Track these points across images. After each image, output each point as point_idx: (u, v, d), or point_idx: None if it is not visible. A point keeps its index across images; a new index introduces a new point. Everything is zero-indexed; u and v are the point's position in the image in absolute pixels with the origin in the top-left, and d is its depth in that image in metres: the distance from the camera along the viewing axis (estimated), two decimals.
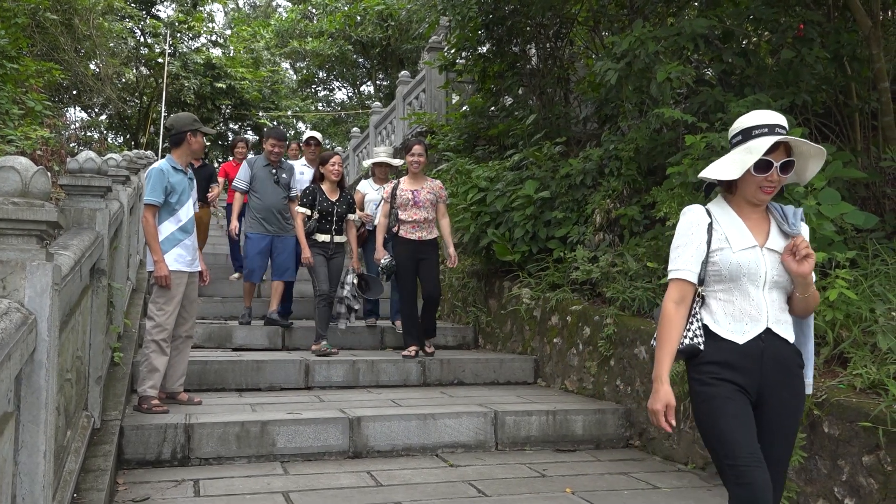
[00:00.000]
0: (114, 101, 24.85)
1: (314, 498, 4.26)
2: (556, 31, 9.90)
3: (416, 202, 7.11)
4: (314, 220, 7.34)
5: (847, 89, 6.91)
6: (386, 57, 31.37)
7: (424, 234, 7.18)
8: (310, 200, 7.39)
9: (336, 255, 7.44)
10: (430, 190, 7.21)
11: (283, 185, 8.08)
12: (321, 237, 7.36)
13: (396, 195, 7.18)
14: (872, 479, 3.85)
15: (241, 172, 8.23)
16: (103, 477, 3.90)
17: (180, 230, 5.56)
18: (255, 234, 7.97)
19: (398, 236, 7.18)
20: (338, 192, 7.50)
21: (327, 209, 7.37)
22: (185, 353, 5.75)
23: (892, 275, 4.91)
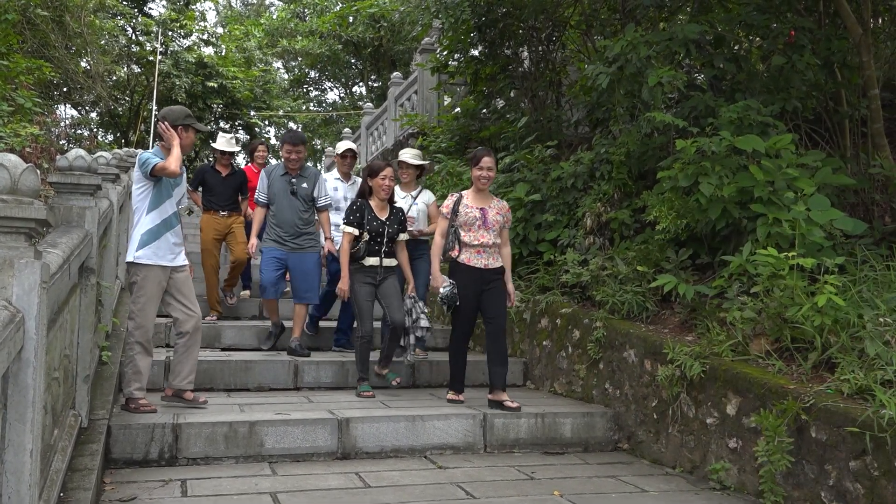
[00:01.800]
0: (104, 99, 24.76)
1: (302, 499, 4.25)
2: (548, 35, 9.93)
3: (485, 223, 5.96)
4: (363, 241, 6.25)
5: (837, 96, 6.96)
6: (378, 58, 31.37)
7: (491, 262, 5.97)
8: (358, 219, 6.26)
9: (386, 279, 6.35)
10: (498, 210, 6.08)
11: (302, 197, 7.03)
12: (369, 260, 6.27)
13: (459, 212, 6.00)
14: (859, 484, 3.87)
15: (261, 183, 7.22)
16: (90, 476, 3.88)
17: (163, 224, 5.36)
18: (268, 248, 7.04)
19: (458, 262, 5.98)
20: (387, 208, 6.41)
21: (377, 229, 6.26)
22: (193, 350, 5.48)
23: (880, 281, 4.94)
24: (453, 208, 6.04)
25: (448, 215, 6.06)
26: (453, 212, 6.04)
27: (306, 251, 7.03)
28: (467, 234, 5.96)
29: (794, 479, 4.25)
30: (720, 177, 5.55)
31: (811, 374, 4.47)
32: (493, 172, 6.04)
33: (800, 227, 5.09)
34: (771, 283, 4.86)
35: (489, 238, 5.97)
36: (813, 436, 4.14)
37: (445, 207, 6.09)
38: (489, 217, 5.99)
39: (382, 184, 6.26)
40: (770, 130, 5.91)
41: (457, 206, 6.04)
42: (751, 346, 4.92)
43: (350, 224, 6.28)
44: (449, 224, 6.05)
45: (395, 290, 6.34)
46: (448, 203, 6.11)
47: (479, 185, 6.02)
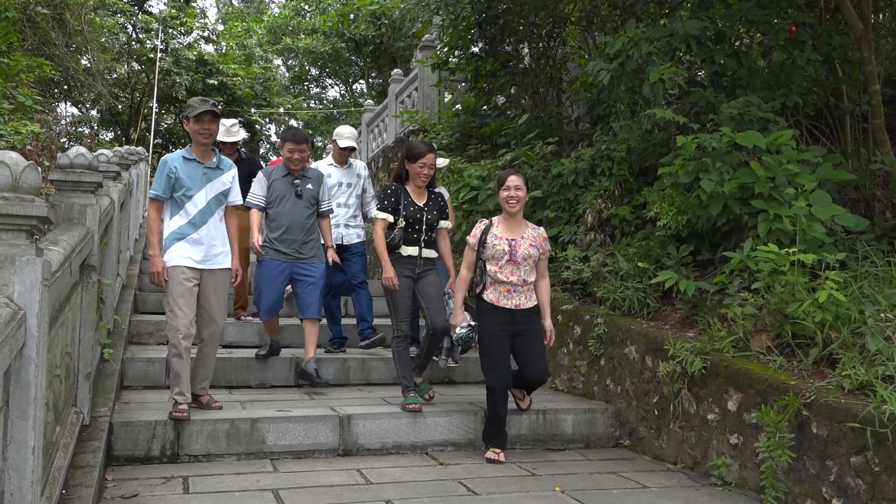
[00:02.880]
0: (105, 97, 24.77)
1: (304, 496, 4.25)
2: (548, 31, 9.92)
3: (514, 258, 5.19)
4: (399, 228, 5.59)
5: (838, 92, 6.95)
6: (379, 55, 31.35)
7: (523, 301, 5.24)
8: (393, 203, 5.62)
9: (425, 273, 5.69)
10: (532, 242, 5.27)
11: (307, 199, 6.36)
12: (407, 250, 5.60)
13: (486, 243, 5.25)
14: (860, 479, 3.87)
15: (256, 186, 6.43)
16: (92, 473, 3.89)
17: (189, 224, 5.14)
18: (269, 259, 6.27)
19: (484, 300, 5.26)
20: (425, 194, 5.77)
21: (414, 215, 5.62)
22: (209, 356, 5.34)
23: (881, 276, 4.94)
24: (480, 238, 5.28)
25: (475, 246, 5.30)
26: (480, 242, 5.28)
27: (312, 261, 6.33)
28: (494, 270, 5.21)
29: (795, 474, 4.25)
30: (721, 173, 5.55)
31: (812, 370, 4.47)
32: (523, 192, 5.27)
33: (801, 223, 5.09)
34: (772, 279, 4.87)
35: (519, 276, 5.19)
36: (814, 431, 4.14)
37: (472, 237, 5.35)
38: (519, 251, 5.18)
39: (421, 171, 5.61)
40: (771, 126, 5.91)
41: (484, 235, 5.27)
42: (752, 342, 4.92)
43: (384, 209, 5.61)
44: (476, 256, 5.31)
45: (436, 289, 5.68)
46: (475, 232, 5.36)
47: (509, 208, 5.24)
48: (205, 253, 5.18)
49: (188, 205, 5.16)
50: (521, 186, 5.26)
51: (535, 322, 5.28)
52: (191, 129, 5.23)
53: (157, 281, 5.07)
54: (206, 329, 5.25)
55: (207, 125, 5.19)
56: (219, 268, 5.25)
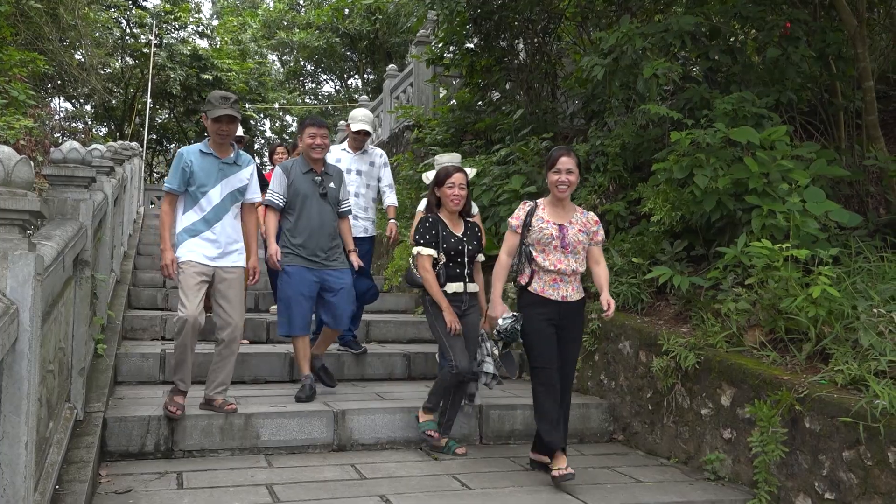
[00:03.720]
0: (99, 92, 24.69)
1: (298, 491, 4.25)
2: (543, 27, 9.92)
3: (565, 243, 4.67)
4: (441, 264, 5.13)
5: (832, 88, 6.97)
6: (374, 50, 31.33)
7: (571, 293, 4.70)
8: (433, 237, 5.12)
9: (470, 310, 5.22)
10: (583, 227, 4.76)
11: (332, 199, 5.79)
12: (451, 287, 5.12)
13: (532, 226, 4.71)
14: (852, 473, 3.89)
15: (275, 182, 5.80)
16: (86, 469, 3.89)
17: (203, 221, 4.97)
18: (294, 266, 5.64)
19: (528, 291, 4.71)
20: (461, 223, 5.26)
21: (455, 247, 5.12)
22: (229, 360, 5.07)
23: (874, 272, 4.96)
24: (525, 220, 4.74)
25: (518, 228, 4.75)
26: (524, 225, 4.74)
27: (337, 266, 5.77)
28: (541, 257, 4.67)
29: (787, 469, 4.27)
30: (715, 169, 5.56)
31: (805, 365, 4.49)
32: (575, 177, 4.70)
33: (794, 218, 5.11)
34: (765, 275, 4.88)
35: (569, 264, 4.67)
36: (807, 426, 4.15)
37: (515, 218, 4.79)
38: (569, 236, 4.66)
39: (451, 193, 5.12)
40: (765, 122, 5.92)
41: (529, 217, 4.73)
42: (745, 338, 4.94)
43: (428, 244, 5.10)
44: (520, 241, 4.77)
45: (474, 332, 5.21)
46: (518, 213, 4.81)
47: (558, 193, 4.68)
48: (220, 251, 5.02)
49: (202, 200, 4.99)
50: (574, 170, 4.67)
51: (579, 321, 4.83)
52: (208, 127, 5.04)
53: (167, 273, 4.96)
54: (223, 330, 5.01)
55: (225, 126, 4.98)
56: (233, 265, 5.06)
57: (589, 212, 4.91)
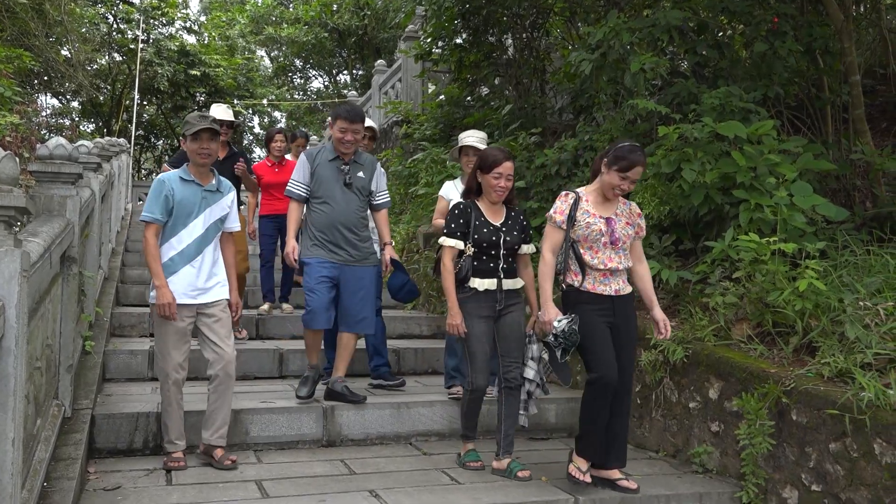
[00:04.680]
0: (86, 88, 24.57)
1: (287, 486, 4.25)
2: (532, 22, 9.91)
3: (614, 238, 4.30)
4: (467, 257, 4.55)
5: (819, 82, 6.99)
6: (362, 46, 31.27)
7: (622, 286, 4.37)
8: (462, 226, 4.59)
9: (508, 309, 4.62)
10: (629, 219, 4.42)
11: (359, 190, 5.38)
12: (482, 283, 4.54)
13: (578, 220, 4.31)
14: (839, 465, 3.91)
15: (298, 171, 5.41)
16: (74, 465, 3.88)
17: (182, 255, 4.51)
18: (315, 259, 5.27)
19: (580, 291, 4.30)
20: (503, 211, 4.71)
21: (489, 238, 4.56)
22: (226, 396, 4.60)
23: (860, 265, 4.99)
24: (568, 214, 4.30)
25: (562, 224, 4.31)
26: (569, 219, 4.30)
27: (363, 263, 5.37)
28: (589, 254, 4.28)
29: (774, 461, 4.29)
30: (703, 163, 5.57)
31: (792, 358, 4.51)
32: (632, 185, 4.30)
33: (782, 212, 5.13)
34: (753, 269, 4.90)
35: (620, 261, 4.32)
36: (794, 419, 4.18)
37: (559, 213, 4.34)
38: (618, 230, 4.30)
39: (496, 184, 4.53)
40: (752, 117, 5.94)
41: (573, 211, 4.30)
42: (733, 331, 4.96)
43: (453, 235, 4.57)
44: (565, 235, 4.32)
45: (518, 333, 4.62)
46: (561, 206, 4.36)
47: (611, 195, 4.33)
48: (203, 285, 4.57)
49: (183, 232, 4.54)
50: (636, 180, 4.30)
51: (632, 316, 4.41)
52: (188, 149, 4.62)
53: (166, 314, 4.39)
54: (216, 365, 4.56)
55: (206, 144, 4.55)
56: (218, 299, 4.63)
57: (631, 202, 4.54)
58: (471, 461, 4.70)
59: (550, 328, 4.22)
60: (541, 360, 4.56)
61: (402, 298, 5.80)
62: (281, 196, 7.70)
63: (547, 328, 4.26)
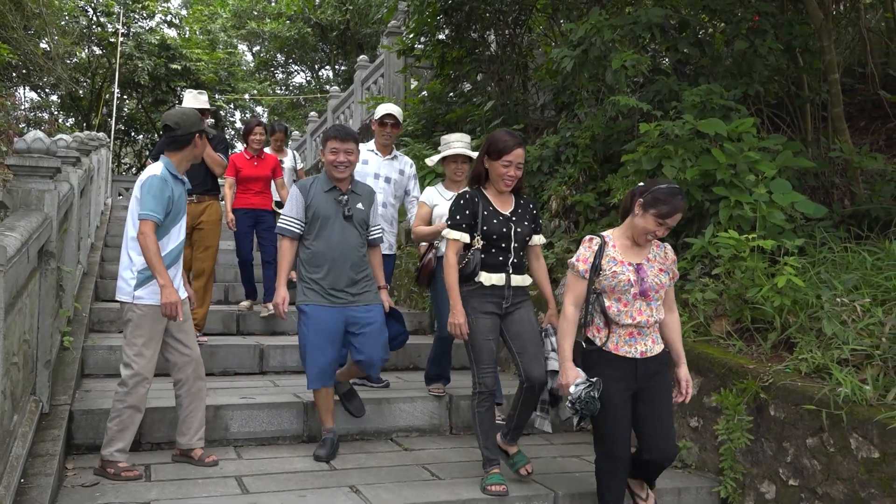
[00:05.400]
0: (65, 82, 24.33)
1: (267, 482, 4.24)
2: (514, 18, 9.93)
3: (644, 289, 3.79)
4: (475, 250, 4.17)
5: (799, 80, 7.05)
6: (345, 41, 31.18)
7: (650, 346, 3.85)
8: (468, 217, 4.21)
9: (516, 306, 4.27)
10: (663, 265, 3.90)
11: (359, 224, 4.79)
12: (489, 278, 4.17)
13: (603, 270, 3.81)
14: (816, 460, 3.95)
15: (290, 204, 4.81)
16: (52, 462, 3.85)
17: (167, 256, 4.30)
18: (313, 306, 4.66)
19: (601, 350, 3.83)
20: (512, 200, 4.33)
21: (498, 229, 4.19)
22: (200, 397, 4.54)
23: (838, 262, 5.03)
24: (593, 261, 3.82)
25: (585, 274, 3.82)
26: (593, 267, 3.81)
27: (367, 301, 4.79)
28: (615, 307, 3.79)
29: (753, 456, 4.33)
30: (683, 160, 5.60)
31: (770, 354, 4.55)
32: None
33: (761, 209, 5.16)
34: (732, 265, 4.94)
35: (651, 314, 3.81)
36: (772, 414, 4.21)
37: (582, 261, 3.84)
38: (649, 278, 3.80)
39: (505, 173, 4.16)
40: (732, 114, 5.97)
41: (598, 258, 3.81)
42: (712, 327, 4.99)
43: (457, 226, 4.20)
44: (588, 286, 3.83)
45: (531, 328, 4.26)
46: (584, 254, 3.86)
47: (645, 240, 3.83)
48: (177, 285, 4.42)
49: (174, 231, 4.41)
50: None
51: (663, 374, 3.89)
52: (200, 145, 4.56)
53: (172, 314, 4.18)
54: (187, 367, 4.47)
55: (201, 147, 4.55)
56: (183, 297, 4.50)
57: (664, 243, 4.01)
58: (493, 484, 4.17)
59: (566, 392, 3.79)
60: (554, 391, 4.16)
61: (394, 348, 5.11)
62: (257, 190, 7.85)
63: (563, 391, 3.83)
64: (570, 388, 3.75)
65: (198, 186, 6.55)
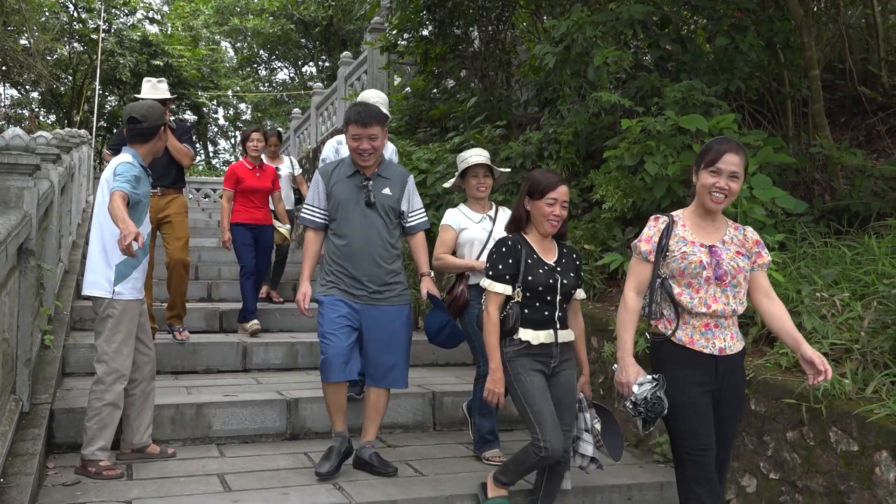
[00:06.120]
0: (45, 78, 24.15)
1: (250, 480, 4.23)
2: (498, 14, 9.92)
3: (720, 273, 3.31)
4: (514, 303, 3.76)
5: (779, 77, 7.09)
6: (328, 37, 31.07)
7: (729, 342, 3.37)
8: (511, 267, 3.79)
9: (562, 367, 3.86)
10: (741, 247, 3.42)
11: (385, 211, 4.40)
12: (537, 336, 3.76)
13: (670, 251, 3.36)
14: (796, 453, 3.98)
15: (312, 192, 4.51)
16: (32, 461, 3.82)
17: (140, 248, 4.11)
18: (331, 298, 4.33)
19: (673, 343, 3.36)
20: (555, 248, 3.94)
21: (544, 281, 3.77)
22: (151, 398, 4.54)
23: (818, 257, 5.06)
24: (658, 242, 3.38)
25: (650, 255, 3.39)
26: (659, 247, 3.37)
27: (392, 302, 4.42)
28: (686, 294, 3.33)
29: (733, 450, 4.34)
30: (665, 156, 5.63)
31: (752, 349, 4.57)
32: (738, 184, 3.34)
33: (742, 205, 5.19)
34: None
35: (728, 302, 3.34)
36: (752, 408, 4.24)
37: (645, 240, 3.42)
38: (725, 262, 3.32)
39: (550, 213, 3.78)
40: (714, 110, 6.00)
41: (665, 238, 3.37)
42: None
43: (499, 278, 3.77)
44: (653, 270, 3.40)
45: (572, 396, 3.89)
46: (648, 233, 3.44)
47: (711, 202, 3.33)
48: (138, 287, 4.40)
49: (145, 221, 4.41)
50: (740, 174, 3.33)
51: (741, 383, 3.48)
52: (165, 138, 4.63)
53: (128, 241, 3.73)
54: (144, 368, 4.48)
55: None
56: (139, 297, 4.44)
57: (746, 227, 3.56)
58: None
59: (628, 391, 3.34)
60: (592, 431, 3.91)
61: (441, 343, 4.66)
62: (260, 204, 7.42)
63: (624, 391, 3.37)
64: (633, 388, 3.33)
65: (161, 179, 6.23)
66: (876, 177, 5.97)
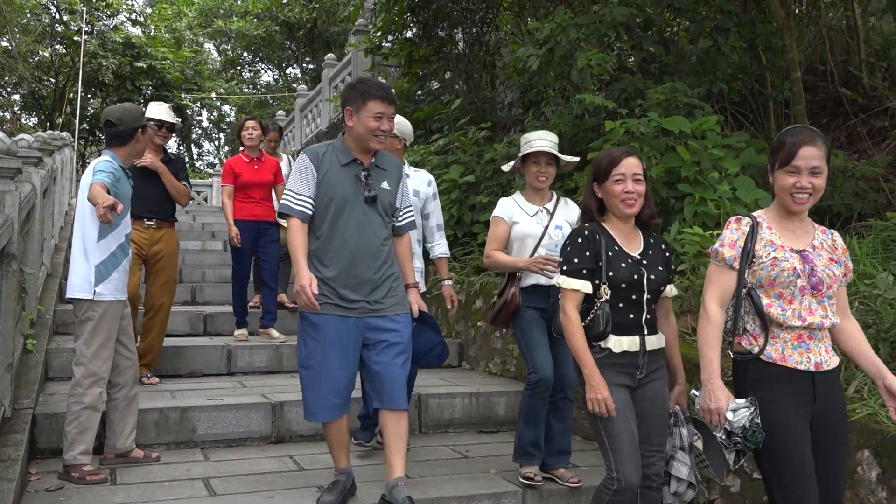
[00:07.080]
0: (27, 80, 23.99)
1: (235, 484, 4.21)
2: (482, 17, 9.96)
3: (814, 281, 2.87)
4: (604, 303, 3.17)
5: (761, 78, 7.15)
6: (312, 39, 31.03)
7: (825, 357, 2.91)
8: (589, 260, 3.21)
9: (651, 377, 3.28)
10: (831, 253, 2.99)
11: (384, 208, 3.78)
12: (620, 343, 3.18)
13: (757, 255, 2.91)
14: None
15: (299, 179, 3.73)
16: (14, 467, 3.79)
17: (121, 249, 4.30)
18: (320, 315, 3.66)
19: (762, 362, 2.89)
20: (640, 237, 3.35)
21: (628, 277, 3.18)
22: (135, 403, 4.49)
23: None
24: (745, 247, 2.93)
25: (734, 261, 2.94)
26: (744, 254, 2.93)
27: (393, 311, 3.79)
28: (777, 304, 2.89)
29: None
30: (648, 157, 5.66)
31: None
32: (822, 180, 2.86)
33: (725, 206, 5.23)
34: (697, 262, 4.99)
35: (823, 315, 2.89)
36: None
37: (729, 245, 2.95)
38: (818, 268, 2.89)
39: (621, 190, 3.23)
40: (696, 112, 6.05)
41: (750, 242, 2.92)
42: (678, 323, 5.03)
43: (575, 273, 3.21)
44: (738, 278, 2.94)
45: (662, 413, 3.31)
46: (731, 237, 2.97)
47: (795, 204, 2.88)
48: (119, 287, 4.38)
49: (123, 224, 4.35)
50: (822, 168, 2.85)
51: (841, 402, 2.97)
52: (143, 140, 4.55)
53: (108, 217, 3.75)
54: (126, 372, 4.43)
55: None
56: (122, 298, 4.41)
57: (831, 230, 3.11)
58: None
59: (720, 420, 2.86)
60: (692, 449, 3.29)
61: (427, 363, 4.23)
62: (259, 199, 7.03)
63: (713, 419, 2.89)
64: (727, 415, 2.82)
65: (156, 212, 5.96)
66: (857, 178, 6.02)
